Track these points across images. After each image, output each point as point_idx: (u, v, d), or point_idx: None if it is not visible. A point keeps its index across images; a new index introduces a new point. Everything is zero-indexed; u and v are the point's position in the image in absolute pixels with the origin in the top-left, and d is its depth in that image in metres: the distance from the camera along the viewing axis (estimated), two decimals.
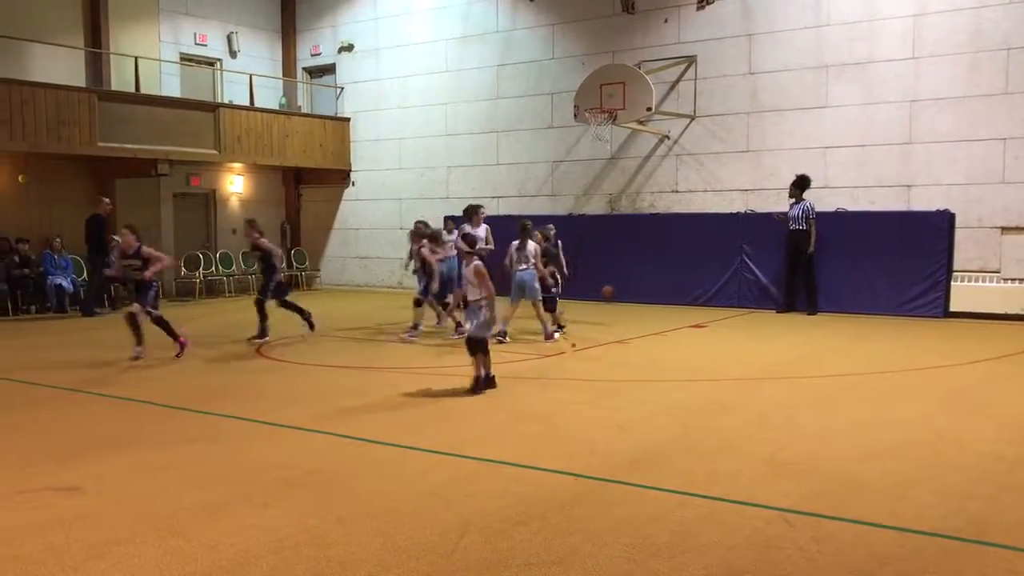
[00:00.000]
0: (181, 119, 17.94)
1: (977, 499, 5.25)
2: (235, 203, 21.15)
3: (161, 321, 10.73)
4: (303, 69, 22.19)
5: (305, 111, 21.59)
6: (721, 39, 16.20)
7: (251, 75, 19.86)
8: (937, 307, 14.04)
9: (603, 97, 15.26)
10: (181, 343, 10.77)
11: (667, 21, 16.74)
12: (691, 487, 5.45)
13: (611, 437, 6.77)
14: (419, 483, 5.66)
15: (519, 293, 11.83)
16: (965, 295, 14.00)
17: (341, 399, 8.17)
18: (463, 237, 9.22)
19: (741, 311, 15.26)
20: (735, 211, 16.06)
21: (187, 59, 20.16)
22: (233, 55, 20.90)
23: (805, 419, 7.33)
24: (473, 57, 19.26)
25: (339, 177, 21.53)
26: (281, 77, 21.89)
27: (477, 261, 8.60)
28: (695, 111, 16.54)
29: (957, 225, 14.17)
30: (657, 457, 6.21)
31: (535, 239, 12.02)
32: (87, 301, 16.00)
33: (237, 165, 20.45)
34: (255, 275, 20.34)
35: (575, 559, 4.36)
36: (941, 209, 14.18)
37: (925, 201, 14.44)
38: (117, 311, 16.32)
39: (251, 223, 12.59)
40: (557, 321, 12.28)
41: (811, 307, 14.69)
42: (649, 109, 15.23)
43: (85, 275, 16.63)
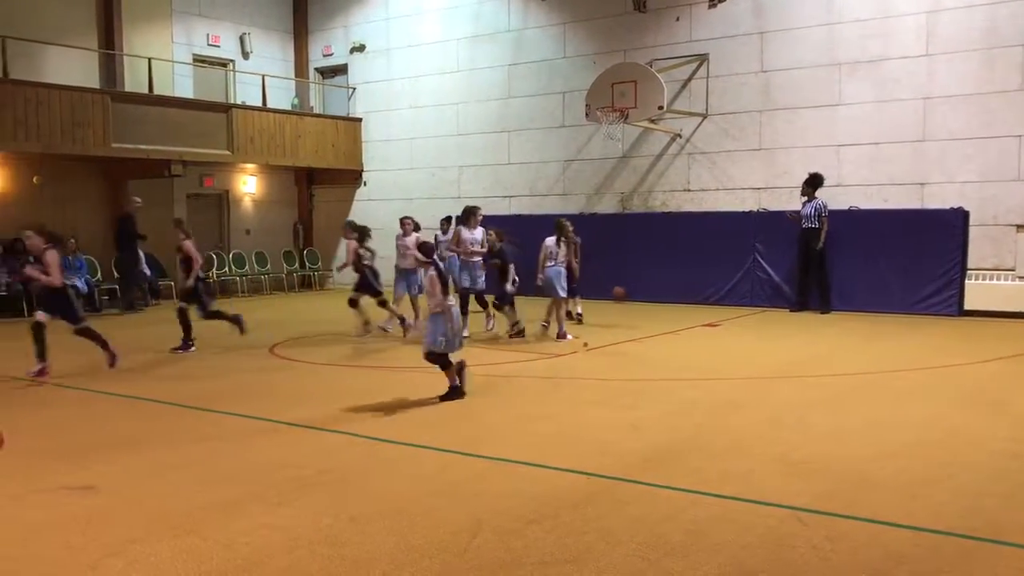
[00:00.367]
0: (194, 120, 18.02)
1: (992, 497, 5.22)
2: (248, 203, 21.23)
3: (88, 331, 9.95)
4: (315, 70, 22.26)
5: (317, 111, 21.66)
6: (733, 37, 16.15)
7: (263, 76, 19.92)
8: (951, 305, 13.97)
9: (615, 96, 15.24)
10: (111, 352, 10.00)
11: (679, 19, 16.71)
12: (704, 486, 5.43)
13: (624, 436, 6.77)
14: (432, 482, 5.67)
15: (547, 290, 11.96)
16: (980, 293, 13.92)
17: (353, 398, 8.18)
18: (419, 246, 8.52)
19: (754, 310, 15.22)
20: (747, 210, 16.02)
21: (200, 60, 20.24)
22: (246, 56, 20.98)
23: (818, 418, 7.30)
24: (484, 57, 19.27)
25: (351, 177, 21.58)
26: (293, 78, 21.95)
27: (432, 271, 8.16)
28: (707, 109, 16.50)
29: (971, 223, 14.08)
30: (670, 456, 6.20)
31: (490, 238, 12.10)
32: (126, 296, 16.57)
33: (250, 166, 20.53)
34: (267, 275, 20.52)
35: (588, 558, 4.35)
36: (955, 207, 14.09)
37: (939, 199, 14.36)
38: (152, 306, 16.86)
39: (178, 223, 12.06)
40: (512, 319, 12.07)
41: (824, 306, 14.63)
42: (661, 108, 15.20)
43: (114, 273, 16.98)
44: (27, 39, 16.03)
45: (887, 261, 14.40)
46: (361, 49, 21.25)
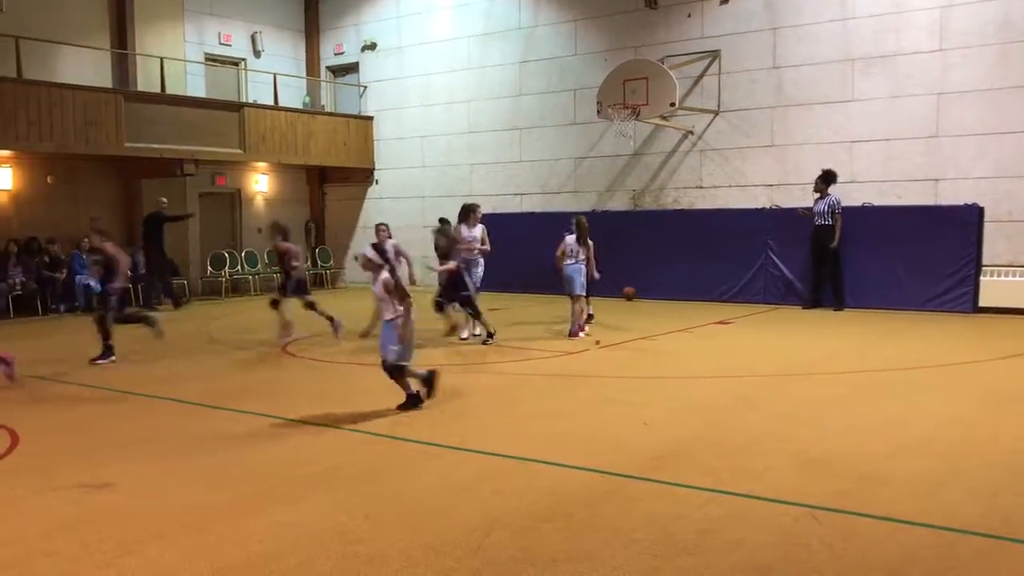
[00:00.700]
0: (206, 119, 18.07)
1: (1009, 496, 5.19)
2: (260, 202, 21.29)
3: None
4: (326, 68, 22.29)
5: (329, 110, 21.69)
6: (745, 33, 16.08)
7: (275, 74, 19.96)
8: (966, 302, 13.88)
9: (626, 93, 15.21)
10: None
11: (690, 16, 16.65)
12: (718, 484, 5.42)
13: (637, 434, 6.75)
14: (445, 480, 5.67)
15: (567, 286, 11.93)
16: (995, 290, 13.82)
17: (366, 396, 8.20)
18: (373, 246, 7.92)
19: (767, 307, 15.16)
20: (760, 206, 15.96)
21: (212, 59, 20.30)
22: (257, 55, 21.03)
23: (833, 416, 7.27)
24: (495, 54, 19.26)
25: (363, 176, 21.61)
26: (305, 76, 21.99)
27: (386, 274, 7.61)
28: (719, 106, 16.44)
29: (986, 219, 13.98)
30: (683, 454, 6.18)
31: (444, 239, 11.49)
32: (174, 294, 17.06)
33: (262, 164, 20.58)
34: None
35: (602, 556, 4.35)
36: (969, 203, 14.01)
37: (953, 195, 14.27)
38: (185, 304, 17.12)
39: (94, 221, 11.35)
40: (451, 323, 11.21)
41: (838, 303, 14.57)
42: (673, 104, 15.15)
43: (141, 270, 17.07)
44: (40, 39, 16.12)
45: (901, 258, 14.32)
46: (372, 47, 21.27)
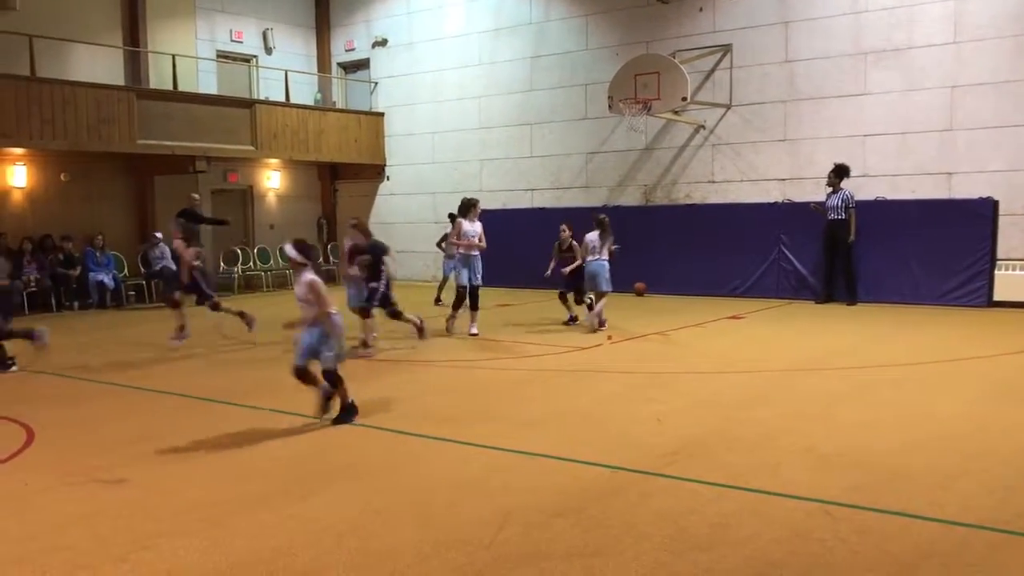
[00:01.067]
0: (218, 116, 18.12)
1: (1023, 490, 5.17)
2: (272, 199, 21.34)
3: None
4: (337, 64, 22.30)
5: (340, 106, 21.71)
6: (757, 27, 16.00)
7: (286, 71, 20.01)
8: (980, 296, 13.80)
9: (637, 87, 15.16)
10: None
11: (702, 10, 16.58)
12: (730, 479, 5.40)
13: (649, 429, 6.74)
14: (457, 475, 5.68)
15: (591, 282, 11.98)
16: (1009, 284, 13.71)
17: (377, 391, 8.21)
18: (295, 244, 7.23)
19: (779, 302, 15.10)
20: (772, 201, 15.89)
21: (223, 56, 20.34)
22: (268, 51, 21.07)
23: (846, 411, 7.24)
24: (506, 49, 19.23)
25: (374, 172, 21.63)
26: (316, 73, 22.02)
27: (309, 274, 6.83)
28: (731, 100, 16.37)
29: (1001, 212, 13.87)
30: (696, 449, 6.17)
31: (355, 232, 10.88)
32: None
33: (273, 161, 20.63)
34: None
35: (614, 551, 4.35)
36: (984, 196, 13.91)
37: (967, 189, 14.18)
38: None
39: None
40: (366, 331, 10.56)
41: (851, 297, 14.50)
42: (684, 99, 15.09)
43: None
44: (53, 38, 16.19)
45: (914, 252, 14.23)
46: (383, 43, 21.27)
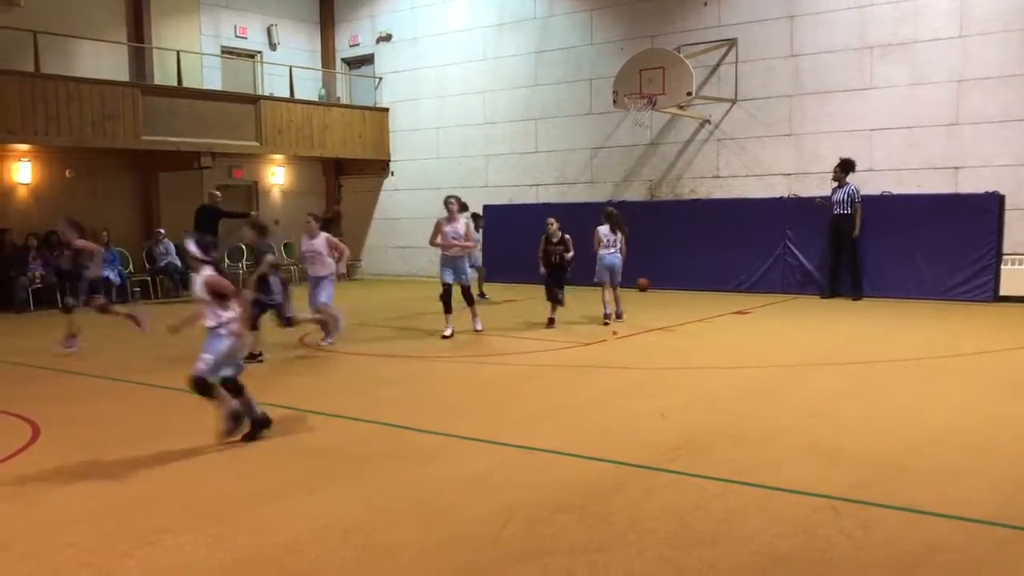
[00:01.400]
0: (222, 112, 18.13)
1: None
2: (277, 194, 21.36)
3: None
4: (342, 60, 22.29)
5: (344, 102, 21.71)
6: (762, 21, 15.95)
7: (291, 67, 20.00)
8: (987, 291, 13.76)
9: (642, 82, 15.13)
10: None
11: (707, 4, 16.53)
12: (735, 475, 5.39)
13: (653, 424, 6.73)
14: (461, 471, 5.68)
15: (606, 275, 12.08)
16: (1016, 278, 13.67)
17: (382, 387, 8.22)
18: (196, 241, 6.53)
19: (784, 297, 15.08)
20: (778, 196, 15.85)
21: (228, 52, 20.34)
22: (273, 47, 21.06)
23: (851, 406, 7.22)
24: (510, 44, 19.20)
25: (378, 167, 21.63)
26: (320, 68, 22.02)
27: (209, 271, 6.38)
28: (736, 95, 16.32)
29: (1007, 207, 13.83)
30: (700, 445, 6.15)
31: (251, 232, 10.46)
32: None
33: (278, 157, 20.64)
34: (296, 266, 20.66)
35: (618, 546, 4.34)
36: (990, 191, 13.86)
37: (973, 183, 14.13)
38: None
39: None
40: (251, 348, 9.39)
41: (856, 292, 14.47)
42: (689, 94, 15.07)
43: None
44: (58, 34, 16.20)
45: (920, 247, 14.20)
46: (388, 39, 21.25)
